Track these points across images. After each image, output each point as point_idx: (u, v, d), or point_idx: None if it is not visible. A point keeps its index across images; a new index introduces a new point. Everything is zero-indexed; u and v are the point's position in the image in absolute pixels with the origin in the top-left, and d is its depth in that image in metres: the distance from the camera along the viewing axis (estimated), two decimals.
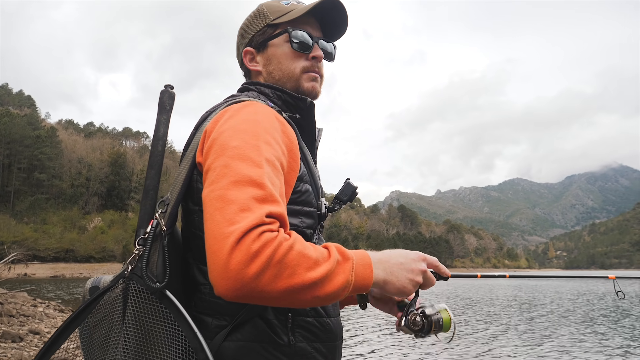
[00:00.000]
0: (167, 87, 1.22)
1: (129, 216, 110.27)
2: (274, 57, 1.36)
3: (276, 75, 1.36)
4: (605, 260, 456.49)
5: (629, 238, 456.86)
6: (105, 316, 1.04)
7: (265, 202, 0.95)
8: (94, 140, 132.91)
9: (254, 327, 1.10)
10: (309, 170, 1.26)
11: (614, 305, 15.80)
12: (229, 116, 1.12)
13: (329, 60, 1.45)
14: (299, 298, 0.92)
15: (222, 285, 0.88)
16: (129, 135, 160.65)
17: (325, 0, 1.33)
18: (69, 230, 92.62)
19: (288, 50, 1.35)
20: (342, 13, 1.39)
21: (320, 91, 1.41)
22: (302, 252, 0.92)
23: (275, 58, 1.36)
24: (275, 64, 1.36)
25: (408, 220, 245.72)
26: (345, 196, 1.40)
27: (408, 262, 1.11)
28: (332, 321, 1.24)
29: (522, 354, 9.87)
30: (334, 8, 1.37)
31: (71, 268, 76.19)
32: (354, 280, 0.98)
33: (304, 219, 1.21)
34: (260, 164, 1.00)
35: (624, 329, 12.72)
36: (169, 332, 0.99)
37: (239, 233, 0.88)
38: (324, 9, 1.36)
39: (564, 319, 15.07)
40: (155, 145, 1.16)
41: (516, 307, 20.35)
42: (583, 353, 10.03)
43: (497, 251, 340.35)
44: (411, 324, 1.18)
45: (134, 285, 1.02)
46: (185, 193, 1.15)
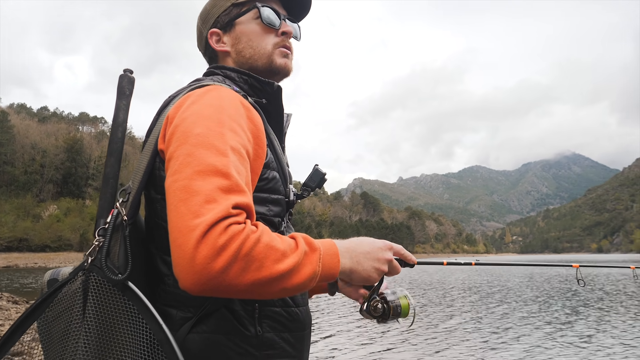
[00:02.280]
0: (127, 72, 1.18)
1: (86, 204, 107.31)
2: (243, 35, 1.32)
3: (246, 54, 1.32)
4: (558, 244, 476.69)
5: (580, 223, 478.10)
6: (64, 310, 1.00)
7: (231, 192, 0.93)
8: (48, 125, 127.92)
9: (219, 319, 1.08)
10: (276, 156, 1.22)
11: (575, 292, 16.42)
12: (191, 101, 1.08)
13: (295, 39, 1.43)
14: (266, 290, 0.92)
15: (187, 279, 0.86)
16: (86, 120, 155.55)
17: None
18: (23, 218, 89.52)
19: (257, 27, 1.32)
20: None
21: (292, 68, 1.38)
22: (269, 244, 0.91)
23: (245, 35, 1.32)
24: (244, 41, 1.32)
25: (371, 207, 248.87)
26: (314, 182, 1.38)
27: (374, 251, 1.12)
28: (300, 310, 1.22)
29: (480, 340, 10.14)
30: None
31: (25, 258, 73.53)
32: (320, 270, 0.98)
33: (272, 206, 1.18)
34: (225, 152, 0.98)
35: (584, 317, 13.21)
36: (132, 325, 0.96)
37: (204, 226, 0.86)
38: None
39: (522, 304, 15.57)
40: (115, 132, 1.12)
41: (474, 291, 20.93)
42: (540, 340, 10.38)
43: (456, 237, 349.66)
44: (372, 310, 1.21)
45: (94, 278, 0.98)
46: (147, 181, 1.11)
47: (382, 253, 1.13)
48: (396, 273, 1.19)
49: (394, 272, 1.18)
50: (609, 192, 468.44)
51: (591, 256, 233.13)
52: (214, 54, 1.38)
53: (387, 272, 1.16)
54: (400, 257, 1.22)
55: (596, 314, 13.39)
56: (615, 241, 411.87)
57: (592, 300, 16.16)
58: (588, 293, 17.24)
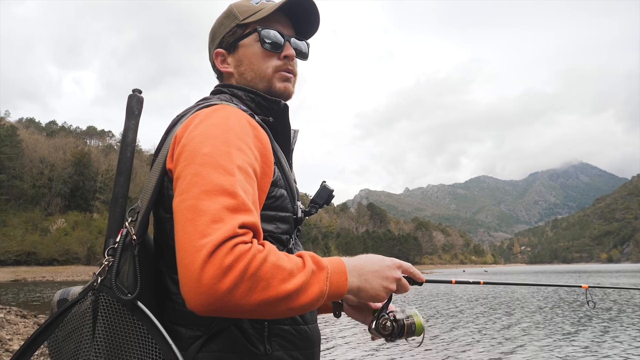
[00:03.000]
0: (135, 92, 1.18)
1: (93, 217, 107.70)
2: (245, 58, 1.33)
3: (248, 76, 1.33)
4: (567, 254, 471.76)
5: (589, 232, 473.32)
6: (74, 329, 1.01)
7: (237, 211, 0.93)
8: (56, 139, 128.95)
9: (229, 337, 1.08)
10: (284, 174, 1.23)
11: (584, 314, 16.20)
12: (199, 121, 1.09)
13: (302, 58, 1.42)
14: (273, 310, 0.92)
15: (194, 299, 0.87)
16: (94, 134, 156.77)
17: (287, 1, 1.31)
18: (31, 232, 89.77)
19: (259, 50, 1.32)
20: (313, 10, 1.36)
21: (294, 91, 1.38)
22: (276, 263, 0.91)
23: (246, 58, 1.33)
24: (246, 64, 1.33)
25: (377, 218, 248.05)
26: (322, 199, 1.40)
27: (383, 270, 1.11)
28: (309, 328, 1.21)
29: (483, 350, 10.12)
30: (304, 5, 1.34)
31: (33, 271, 73.92)
32: (328, 289, 0.98)
33: (280, 224, 1.18)
34: (232, 171, 0.98)
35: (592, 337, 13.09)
36: (141, 345, 0.96)
37: (211, 246, 0.86)
38: (294, 6, 1.33)
39: (533, 322, 15.46)
40: (124, 151, 1.13)
41: (480, 303, 20.80)
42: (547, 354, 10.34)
43: (464, 247, 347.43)
44: (381, 328, 1.22)
45: (104, 297, 0.99)
46: (156, 200, 1.12)
47: (391, 272, 1.13)
48: (405, 291, 1.19)
49: (402, 290, 1.18)
50: (618, 201, 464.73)
51: (601, 266, 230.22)
52: (219, 72, 1.40)
53: (396, 291, 1.16)
54: (409, 275, 1.22)
55: (603, 328, 13.29)
56: (625, 250, 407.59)
57: (601, 318, 15.97)
58: (599, 312, 17.00)
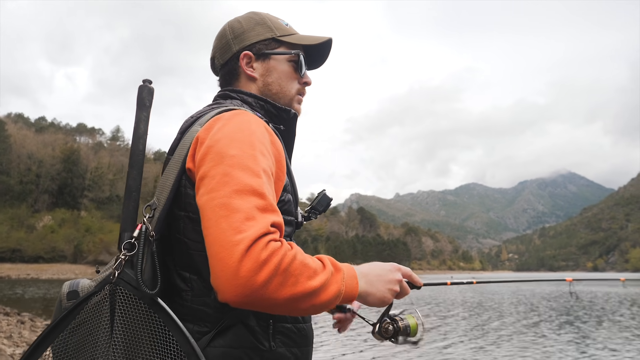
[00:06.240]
0: (146, 82, 1.18)
1: (81, 215, 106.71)
2: (275, 71, 1.38)
3: (273, 89, 1.38)
4: (554, 262, 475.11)
5: (575, 241, 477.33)
6: (84, 321, 1.03)
7: (267, 211, 0.98)
8: (45, 135, 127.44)
9: (236, 334, 1.12)
10: (291, 180, 1.29)
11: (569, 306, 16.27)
12: (222, 124, 1.13)
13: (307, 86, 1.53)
14: (297, 306, 0.97)
15: (230, 291, 0.91)
16: (84, 131, 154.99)
17: (329, 40, 1.43)
18: (16, 229, 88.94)
19: (288, 70, 1.39)
20: (328, 52, 1.48)
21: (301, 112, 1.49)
22: (303, 261, 0.97)
23: (276, 72, 1.38)
24: (275, 77, 1.38)
25: (367, 223, 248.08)
26: (322, 207, 1.50)
27: (386, 274, 1.19)
28: (306, 326, 1.27)
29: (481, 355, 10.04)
30: (328, 50, 1.47)
31: (17, 269, 72.99)
32: (344, 290, 1.04)
33: (286, 227, 1.21)
34: (259, 173, 1.03)
35: (576, 329, 13.12)
36: (159, 338, 1.00)
37: (248, 241, 0.91)
38: (321, 48, 1.45)
39: (519, 319, 15.46)
40: (136, 144, 1.13)
41: (473, 309, 20.78)
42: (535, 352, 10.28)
43: (452, 253, 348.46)
44: (383, 332, 1.29)
45: (121, 291, 1.02)
46: (173, 198, 1.15)
47: (393, 274, 1.20)
48: (406, 294, 1.25)
49: (404, 292, 1.25)
50: (605, 211, 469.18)
51: (586, 274, 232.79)
52: (236, 71, 1.41)
53: (399, 293, 1.23)
54: (408, 279, 1.28)
55: (587, 326, 13.30)
56: (610, 260, 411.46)
57: (585, 315, 16.03)
58: (581, 310, 17.08)
